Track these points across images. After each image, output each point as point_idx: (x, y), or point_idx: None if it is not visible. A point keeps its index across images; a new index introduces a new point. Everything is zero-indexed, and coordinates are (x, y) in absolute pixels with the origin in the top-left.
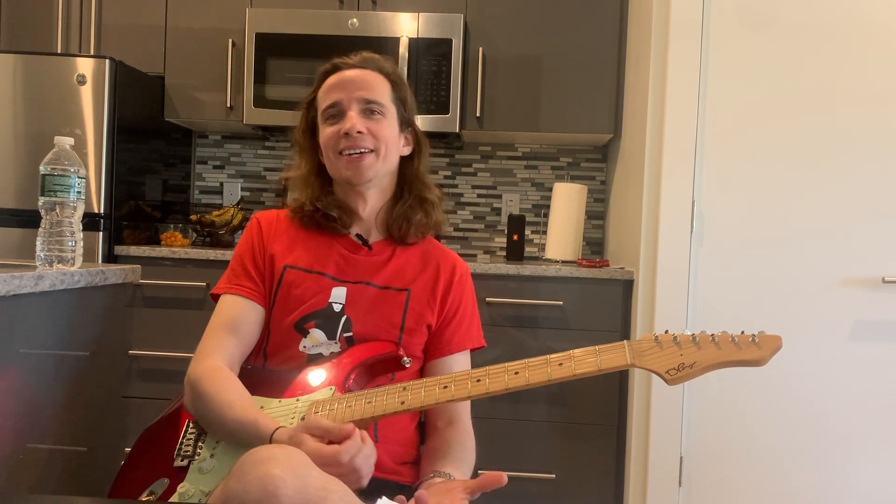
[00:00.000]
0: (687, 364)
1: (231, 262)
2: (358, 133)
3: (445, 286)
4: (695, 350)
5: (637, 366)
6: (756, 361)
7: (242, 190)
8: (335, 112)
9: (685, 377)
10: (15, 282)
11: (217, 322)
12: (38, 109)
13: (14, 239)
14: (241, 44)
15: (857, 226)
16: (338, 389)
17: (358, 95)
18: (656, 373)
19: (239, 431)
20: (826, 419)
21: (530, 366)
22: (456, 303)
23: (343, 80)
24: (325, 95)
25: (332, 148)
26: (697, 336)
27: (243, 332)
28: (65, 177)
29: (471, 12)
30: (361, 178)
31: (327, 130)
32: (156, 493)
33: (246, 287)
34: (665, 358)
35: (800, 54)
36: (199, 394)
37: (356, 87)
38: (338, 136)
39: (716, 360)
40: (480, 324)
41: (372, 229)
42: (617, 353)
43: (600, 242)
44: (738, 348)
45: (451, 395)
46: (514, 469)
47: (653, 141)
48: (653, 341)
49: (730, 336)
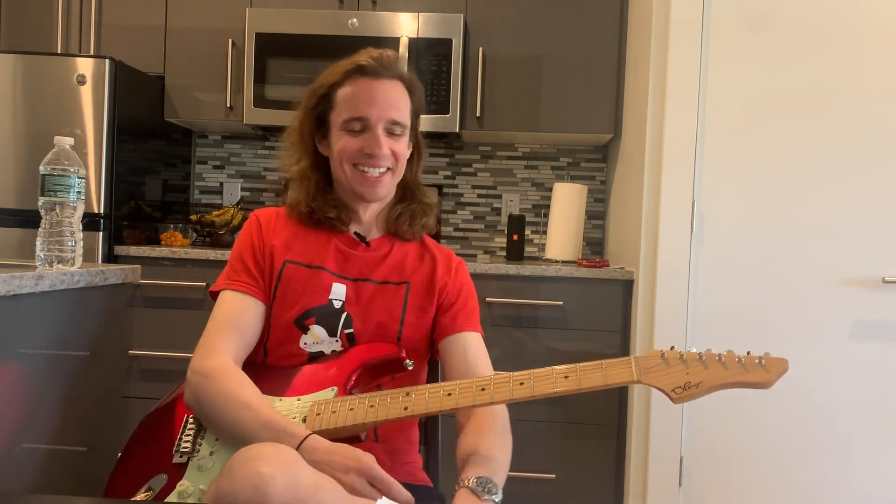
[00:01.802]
0: (693, 383)
1: (230, 258)
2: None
3: (443, 276)
4: (701, 369)
5: (643, 382)
6: (762, 384)
7: (242, 190)
8: (360, 126)
9: (690, 396)
10: (15, 282)
11: (220, 318)
12: (38, 109)
13: (14, 239)
14: (241, 44)
15: (857, 226)
16: (339, 390)
17: (386, 116)
18: (662, 390)
19: (261, 431)
20: (826, 419)
21: (536, 377)
22: (456, 289)
23: (372, 94)
24: (350, 104)
25: (349, 160)
26: (704, 355)
27: (245, 329)
28: (65, 177)
29: (471, 12)
30: (376, 197)
31: (348, 142)
32: (154, 489)
33: (246, 283)
34: (671, 376)
35: (800, 54)
36: (211, 391)
37: (386, 106)
38: (359, 152)
39: (722, 381)
40: (478, 313)
41: (371, 228)
42: (623, 369)
43: (600, 242)
44: (745, 370)
45: (455, 403)
46: (514, 469)
47: (653, 141)
48: (659, 358)
49: (736, 356)
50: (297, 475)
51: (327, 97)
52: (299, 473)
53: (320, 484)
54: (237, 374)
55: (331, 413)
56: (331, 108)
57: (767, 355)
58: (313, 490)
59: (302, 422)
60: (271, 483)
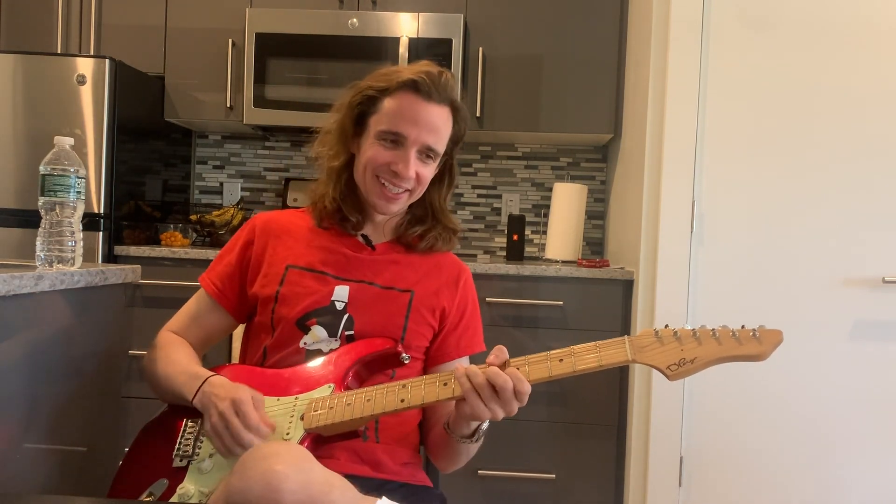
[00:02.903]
0: (688, 359)
1: (219, 253)
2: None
3: (449, 288)
4: (696, 345)
5: (638, 361)
6: (757, 356)
7: (242, 190)
8: (395, 140)
9: (686, 372)
10: (15, 282)
11: (184, 311)
12: (38, 109)
13: (14, 239)
14: (241, 44)
15: (857, 226)
16: (336, 386)
17: (424, 140)
18: (657, 368)
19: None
20: (826, 419)
21: (531, 362)
22: (462, 307)
23: (417, 115)
24: (392, 117)
25: (374, 170)
26: (698, 331)
27: (203, 326)
28: (65, 177)
29: (471, 12)
30: (388, 212)
31: (378, 152)
32: (155, 495)
33: (217, 287)
34: (666, 353)
35: (800, 54)
36: (151, 355)
37: (427, 130)
38: (386, 167)
39: (717, 355)
40: (482, 328)
41: (379, 233)
42: (617, 349)
43: (600, 242)
44: (739, 343)
45: (452, 393)
46: (514, 469)
47: (653, 141)
48: (653, 336)
49: (730, 330)
50: (310, 473)
51: (373, 100)
52: (312, 471)
53: (332, 482)
54: (174, 339)
55: (328, 409)
56: (373, 112)
57: (762, 327)
58: (326, 488)
59: (300, 419)
60: (284, 481)
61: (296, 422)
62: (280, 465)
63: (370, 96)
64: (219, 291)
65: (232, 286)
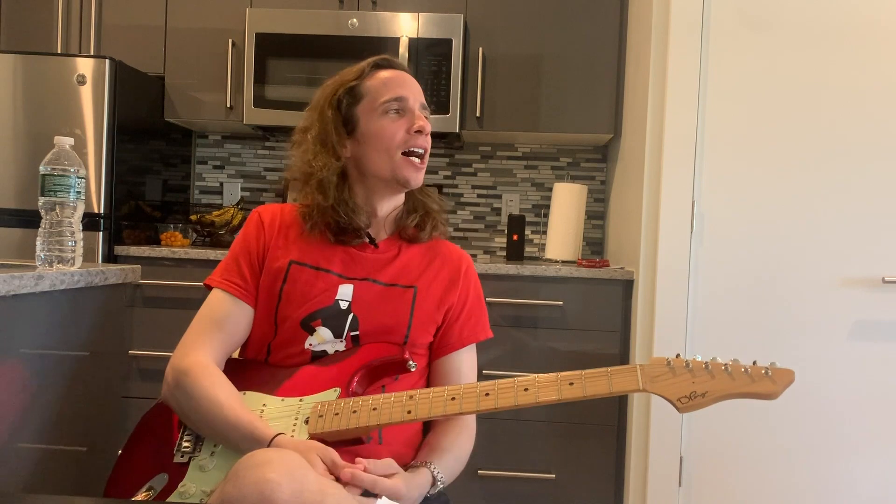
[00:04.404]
0: (699, 392)
1: (228, 253)
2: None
3: (452, 282)
4: (707, 379)
5: (649, 390)
6: (768, 395)
7: (242, 190)
8: (399, 107)
9: (696, 406)
10: (15, 282)
11: (205, 317)
12: (38, 109)
13: (14, 239)
14: (241, 44)
15: (857, 226)
16: (342, 391)
17: (419, 97)
18: (668, 399)
19: (230, 432)
20: (826, 419)
21: (540, 383)
22: (463, 297)
23: (404, 79)
24: (383, 87)
25: (396, 145)
26: (710, 364)
27: (230, 330)
28: (65, 177)
29: (471, 12)
30: (419, 182)
31: (390, 124)
32: (155, 489)
33: (237, 285)
34: (677, 385)
35: (800, 54)
36: (186, 388)
37: (415, 90)
38: (406, 133)
39: (728, 391)
40: (487, 314)
41: (381, 229)
42: (629, 377)
43: (600, 242)
44: (752, 380)
45: (459, 408)
46: (514, 469)
47: (653, 141)
48: (665, 366)
49: (742, 367)
50: (304, 481)
51: (351, 92)
52: (306, 480)
53: (326, 490)
54: (212, 372)
55: (333, 415)
56: (357, 103)
57: (773, 365)
58: (319, 497)
59: (304, 423)
60: (277, 490)
61: (300, 425)
62: (273, 474)
63: (345, 92)
64: (243, 290)
65: (255, 282)
